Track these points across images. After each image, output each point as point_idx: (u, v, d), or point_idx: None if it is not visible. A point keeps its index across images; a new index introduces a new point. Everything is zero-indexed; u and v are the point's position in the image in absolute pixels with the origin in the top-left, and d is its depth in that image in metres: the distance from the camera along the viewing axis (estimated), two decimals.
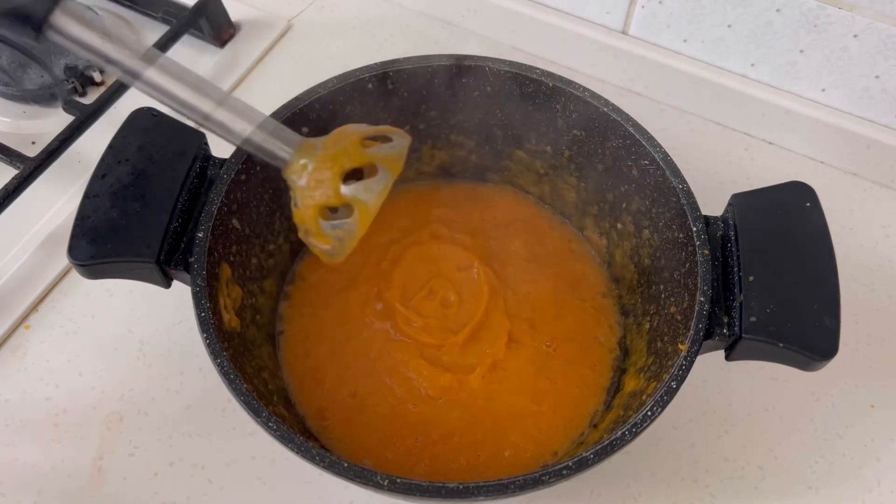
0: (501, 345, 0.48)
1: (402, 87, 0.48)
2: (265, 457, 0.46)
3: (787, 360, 0.38)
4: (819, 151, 0.60)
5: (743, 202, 0.42)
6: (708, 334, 0.38)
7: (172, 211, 0.40)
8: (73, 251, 0.39)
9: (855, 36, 0.53)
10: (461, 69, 0.47)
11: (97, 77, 0.63)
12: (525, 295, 0.50)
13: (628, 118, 0.45)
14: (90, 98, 0.60)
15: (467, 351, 0.48)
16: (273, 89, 0.63)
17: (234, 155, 0.43)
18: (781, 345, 0.37)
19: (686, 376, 0.37)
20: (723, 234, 0.41)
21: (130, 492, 0.45)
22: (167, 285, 0.41)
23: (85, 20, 0.33)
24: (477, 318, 0.48)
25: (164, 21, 0.63)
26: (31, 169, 0.53)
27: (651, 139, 0.44)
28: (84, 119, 0.56)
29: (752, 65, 0.59)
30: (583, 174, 0.51)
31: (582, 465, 0.35)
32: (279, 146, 0.38)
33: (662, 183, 0.44)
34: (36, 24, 0.33)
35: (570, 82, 0.46)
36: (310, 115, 0.46)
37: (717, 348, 0.40)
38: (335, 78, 0.46)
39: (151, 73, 0.35)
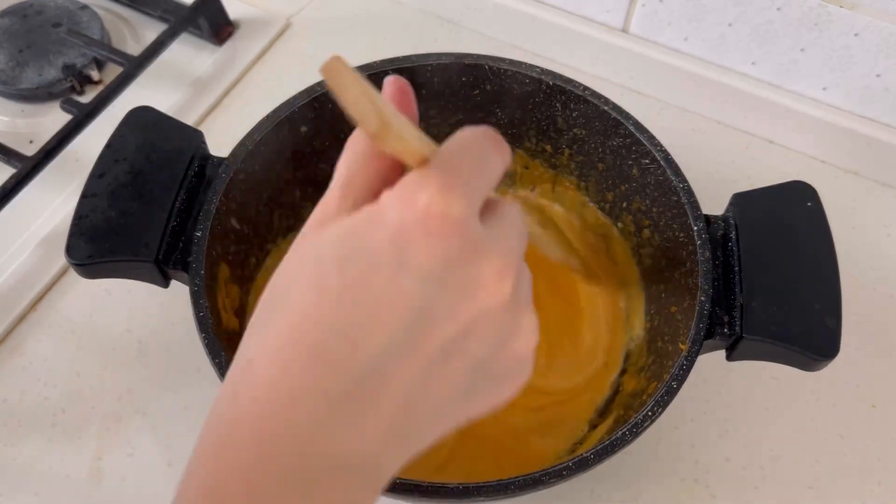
0: None
1: None
2: None
3: (787, 360, 0.38)
4: (820, 150, 0.60)
5: (744, 201, 0.41)
6: (709, 334, 0.38)
7: (171, 210, 0.40)
8: (70, 251, 0.39)
9: (856, 34, 0.52)
10: (461, 68, 0.47)
11: (95, 76, 0.62)
12: None
13: (629, 117, 0.45)
14: (88, 97, 0.59)
15: None
16: (272, 88, 0.63)
17: (233, 154, 0.43)
18: (782, 345, 0.37)
19: (687, 376, 0.37)
20: (724, 234, 0.41)
21: (129, 492, 0.45)
22: (165, 285, 0.41)
23: None
24: None
25: (163, 19, 0.63)
26: (29, 168, 0.53)
27: (652, 138, 0.44)
28: (82, 118, 0.56)
29: (753, 63, 0.58)
30: (583, 173, 0.50)
31: (582, 465, 0.35)
32: None
33: (663, 182, 0.43)
34: None
35: (570, 81, 0.46)
36: (308, 114, 0.46)
37: (717, 348, 0.39)
38: None
39: None
